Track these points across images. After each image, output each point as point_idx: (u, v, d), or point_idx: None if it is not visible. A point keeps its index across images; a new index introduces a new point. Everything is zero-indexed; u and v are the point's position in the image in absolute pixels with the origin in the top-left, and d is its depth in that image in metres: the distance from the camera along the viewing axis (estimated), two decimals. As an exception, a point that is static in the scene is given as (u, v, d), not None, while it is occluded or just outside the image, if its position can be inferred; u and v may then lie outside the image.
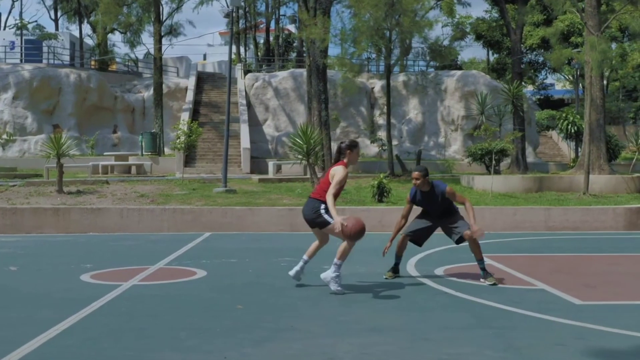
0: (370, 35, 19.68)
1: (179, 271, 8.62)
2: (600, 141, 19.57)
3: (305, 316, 6.08)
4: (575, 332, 5.49)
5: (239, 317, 6.03)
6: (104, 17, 26.22)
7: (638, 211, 15.49)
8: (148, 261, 9.46)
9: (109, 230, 14.43)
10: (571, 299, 6.82)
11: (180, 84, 32.26)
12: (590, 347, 5.02)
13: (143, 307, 6.49)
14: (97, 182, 18.24)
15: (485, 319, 5.97)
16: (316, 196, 7.18)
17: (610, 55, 17.46)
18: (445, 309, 6.41)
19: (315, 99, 24.06)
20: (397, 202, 16.01)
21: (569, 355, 4.80)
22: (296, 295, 7.08)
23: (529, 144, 31.79)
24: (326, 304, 6.65)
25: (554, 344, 5.11)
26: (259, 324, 5.77)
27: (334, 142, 31.61)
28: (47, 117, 29.07)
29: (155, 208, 14.98)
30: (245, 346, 5.02)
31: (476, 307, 6.49)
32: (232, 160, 26.78)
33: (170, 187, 17.99)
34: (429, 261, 9.45)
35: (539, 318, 5.99)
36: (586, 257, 10.27)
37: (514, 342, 5.14)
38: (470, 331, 5.51)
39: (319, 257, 7.79)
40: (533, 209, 15.25)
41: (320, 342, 5.13)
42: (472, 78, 31.70)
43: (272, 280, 7.97)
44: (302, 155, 17.51)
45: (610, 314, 6.20)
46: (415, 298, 6.93)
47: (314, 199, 7.19)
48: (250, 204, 15.53)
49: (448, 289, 7.36)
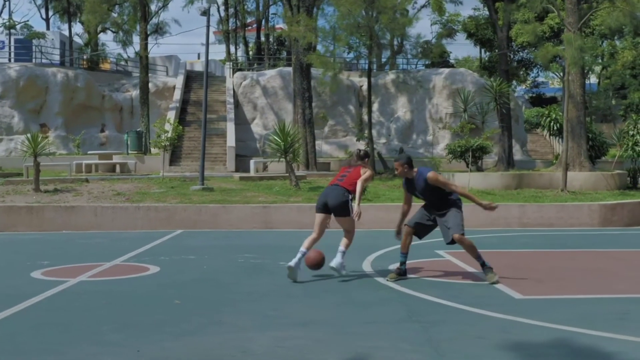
0: (351, 32, 19.66)
1: (132, 267, 8.63)
2: (580, 138, 19.55)
3: (239, 311, 6.09)
4: (502, 325, 5.49)
5: (172, 312, 6.04)
6: (90, 16, 26.20)
7: (613, 208, 15.49)
8: (107, 258, 9.47)
9: (82, 228, 14.45)
10: (512, 294, 6.82)
11: (168, 83, 32.26)
12: (509, 339, 5.02)
13: (80, 302, 6.50)
14: (77, 181, 18.23)
15: (418, 313, 5.98)
16: (345, 185, 7.56)
17: (589, 51, 17.40)
18: (383, 303, 6.41)
19: (299, 97, 24.08)
20: (373, 200, 16.01)
21: (482, 348, 4.81)
22: (239, 291, 7.09)
23: (517, 142, 31.77)
24: (266, 299, 6.66)
25: (476, 337, 5.11)
26: (190, 318, 5.78)
27: (322, 140, 31.68)
28: (34, 116, 29.06)
29: (130, 206, 15.00)
30: (166, 340, 5.03)
31: (414, 301, 6.49)
32: (217, 158, 26.80)
33: (149, 185, 17.99)
34: (388, 257, 9.45)
35: (472, 312, 5.99)
36: (547, 253, 10.27)
37: (435, 336, 5.14)
38: (396, 325, 5.52)
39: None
40: (507, 206, 15.24)
41: (240, 336, 5.14)
42: (459, 76, 31.67)
43: (222, 277, 7.98)
44: (280, 153, 17.49)
45: (545, 308, 6.20)
46: (357, 293, 6.93)
47: (342, 187, 7.55)
48: (226, 201, 15.54)
49: (394, 284, 7.36)
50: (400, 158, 7.66)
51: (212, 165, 26.11)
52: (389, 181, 19.98)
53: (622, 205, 15.61)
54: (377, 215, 14.69)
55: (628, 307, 6.16)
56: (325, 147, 31.25)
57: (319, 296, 6.80)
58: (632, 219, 15.58)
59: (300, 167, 23.39)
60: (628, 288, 7.19)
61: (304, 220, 13.73)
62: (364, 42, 20.14)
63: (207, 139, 28.20)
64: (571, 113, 19.33)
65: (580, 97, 19.45)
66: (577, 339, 5.02)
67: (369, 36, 19.87)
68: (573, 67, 16.93)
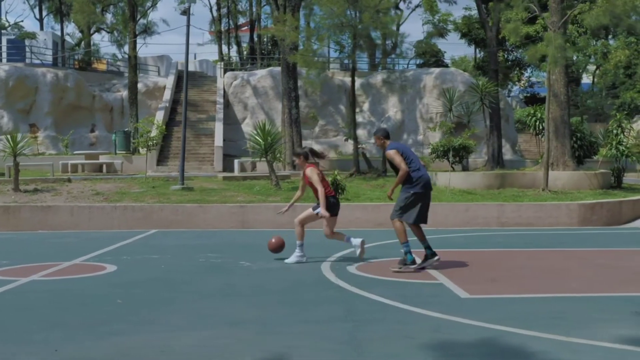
0: (334, 31, 19.62)
1: (89, 267, 8.60)
2: (564, 137, 19.47)
3: (177, 310, 6.05)
4: (436, 325, 5.44)
5: (109, 311, 6.00)
6: (78, 15, 26.18)
7: (592, 207, 15.42)
8: (69, 257, 9.45)
9: (59, 227, 14.43)
10: (460, 293, 6.78)
11: (159, 83, 32.23)
12: (436, 339, 4.98)
13: (23, 301, 6.47)
14: (59, 181, 18.22)
15: (356, 312, 5.93)
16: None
17: (571, 51, 17.32)
18: (326, 303, 6.37)
19: (286, 96, 24.05)
20: (352, 199, 15.96)
21: (405, 347, 4.76)
22: (186, 290, 7.06)
23: (507, 142, 31.69)
24: (209, 298, 6.62)
25: (404, 336, 5.07)
26: (125, 317, 5.75)
27: (313, 140, 31.63)
28: (23, 117, 29.06)
29: (106, 206, 14.97)
30: (88, 339, 5.00)
31: (359, 300, 6.45)
32: (205, 158, 26.77)
33: (130, 185, 17.96)
34: (351, 257, 9.39)
35: (411, 311, 5.95)
36: (513, 252, 10.22)
37: (363, 335, 5.10)
38: (328, 324, 5.47)
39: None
40: (485, 205, 15.19)
41: (167, 336, 5.10)
42: (450, 75, 31.60)
43: (175, 276, 7.94)
44: (261, 153, 17.45)
45: (486, 307, 6.15)
46: (305, 293, 6.89)
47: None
48: (203, 201, 15.51)
49: (345, 284, 7.31)
50: (378, 131, 8.47)
51: (199, 165, 26.10)
52: (372, 181, 19.93)
53: (602, 205, 15.54)
54: (354, 215, 14.66)
55: (569, 306, 6.11)
56: (316, 147, 31.10)
57: (264, 295, 6.76)
58: (612, 218, 15.50)
59: (286, 166, 23.35)
60: (578, 287, 7.14)
61: (281, 219, 13.66)
62: (345, 41, 20.10)
63: (195, 139, 28.27)
64: (555, 112, 19.26)
65: (564, 97, 19.37)
66: (504, 339, 4.97)
67: (352, 35, 19.81)
68: (554, 65, 16.84)
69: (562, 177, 18.47)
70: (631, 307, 6.07)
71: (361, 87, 32.18)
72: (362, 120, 32.10)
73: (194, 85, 32.82)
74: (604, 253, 10.20)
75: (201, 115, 30.05)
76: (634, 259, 9.40)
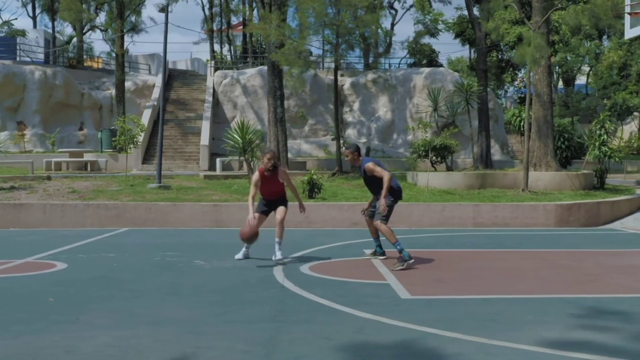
0: (316, 30, 19.52)
1: (39, 265, 8.52)
2: (547, 138, 19.35)
3: (107, 309, 5.96)
4: (360, 326, 5.34)
5: (36, 310, 5.91)
6: (65, 13, 26.11)
7: (569, 208, 15.30)
8: (24, 255, 9.36)
9: (31, 225, 14.35)
10: (402, 294, 6.67)
11: (148, 81, 32.15)
12: (354, 340, 4.88)
13: (-45, 299, 6.38)
14: (37, 178, 18.14)
15: (287, 313, 5.83)
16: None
17: (548, 51, 17.19)
18: (262, 303, 6.27)
19: (271, 95, 23.92)
20: (328, 199, 15.85)
21: (319, 349, 4.67)
22: (128, 289, 6.96)
23: (496, 142, 31.56)
24: (146, 297, 6.53)
25: (323, 337, 4.97)
26: (49, 316, 5.66)
27: (302, 139, 31.55)
28: (11, 114, 29.01)
29: (79, 204, 14.88)
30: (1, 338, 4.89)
31: (295, 301, 6.34)
32: (192, 157, 26.71)
33: (108, 183, 17.88)
34: (308, 257, 9.29)
35: (343, 312, 5.85)
36: (477, 252, 10.10)
37: (282, 336, 5.00)
38: (253, 325, 5.37)
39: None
40: (461, 206, 15.07)
41: (81, 335, 5.01)
42: (439, 75, 31.47)
43: (124, 275, 7.85)
44: (239, 151, 17.36)
45: (422, 308, 6.05)
46: (245, 293, 6.78)
47: None
48: (178, 199, 15.41)
49: (290, 284, 7.22)
50: (350, 146, 8.66)
51: (185, 164, 26.04)
52: (353, 180, 19.81)
53: (579, 206, 15.42)
54: (329, 214, 14.57)
55: (506, 308, 6.00)
56: (306, 146, 31.12)
57: (203, 295, 6.66)
58: (589, 219, 15.38)
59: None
60: (525, 289, 7.03)
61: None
62: (327, 40, 19.98)
63: (183, 138, 28.21)
64: (538, 112, 19.14)
65: (548, 97, 19.25)
66: (424, 341, 4.87)
67: (335, 33, 19.71)
68: (533, 65, 16.72)
69: (543, 177, 18.34)
70: (569, 309, 5.96)
71: (351, 86, 32.10)
72: (352, 120, 32.00)
73: (184, 83, 32.78)
74: (569, 254, 10.09)
75: (190, 113, 29.99)
76: (595, 259, 9.28)
